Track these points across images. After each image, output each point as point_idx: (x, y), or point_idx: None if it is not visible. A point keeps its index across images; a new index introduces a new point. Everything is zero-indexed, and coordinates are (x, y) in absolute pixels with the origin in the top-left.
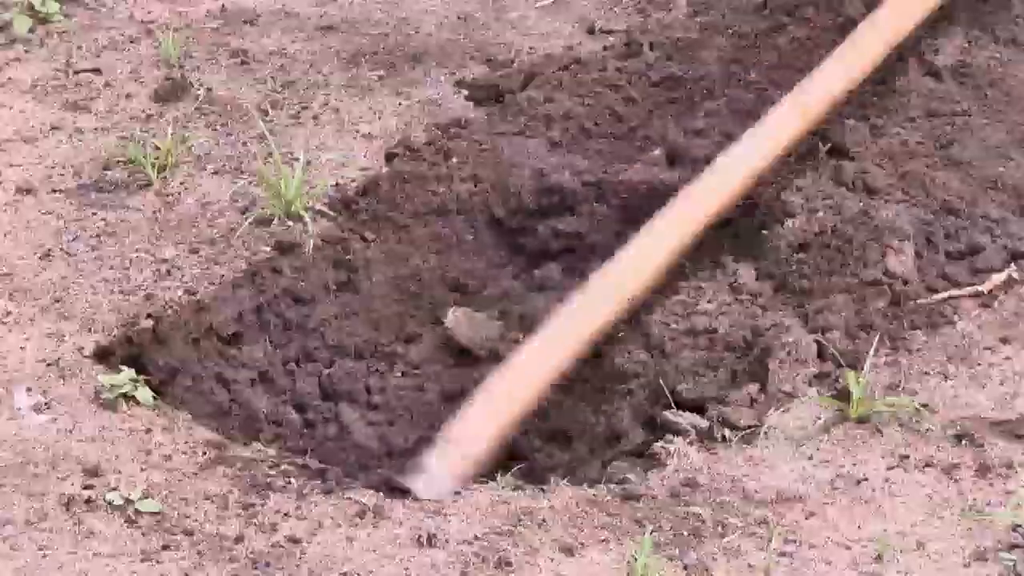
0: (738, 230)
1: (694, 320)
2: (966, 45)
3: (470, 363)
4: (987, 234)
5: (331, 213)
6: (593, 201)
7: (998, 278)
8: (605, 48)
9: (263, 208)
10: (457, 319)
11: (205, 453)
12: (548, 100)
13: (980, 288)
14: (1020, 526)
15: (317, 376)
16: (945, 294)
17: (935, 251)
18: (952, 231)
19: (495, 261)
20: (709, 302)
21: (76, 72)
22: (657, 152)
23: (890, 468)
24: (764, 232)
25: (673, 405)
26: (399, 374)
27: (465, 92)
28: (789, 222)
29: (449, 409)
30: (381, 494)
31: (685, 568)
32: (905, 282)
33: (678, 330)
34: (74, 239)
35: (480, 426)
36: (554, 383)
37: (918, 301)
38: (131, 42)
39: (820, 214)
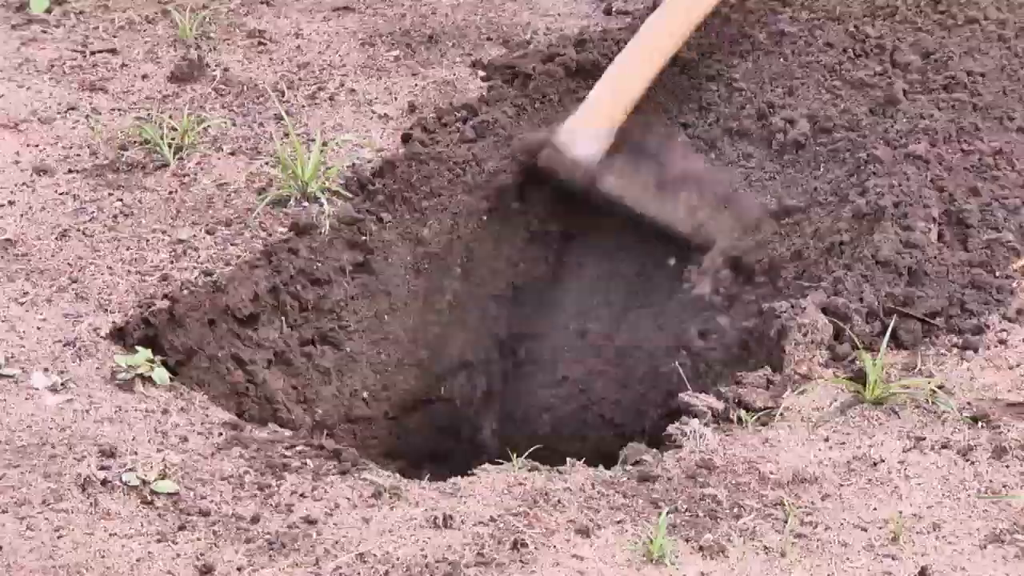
0: None
1: None
2: None
3: None
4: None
5: (347, 194)
6: None
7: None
8: (621, 28)
9: (279, 189)
10: None
11: (221, 434)
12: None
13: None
14: None
15: None
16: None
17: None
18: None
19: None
20: None
21: (93, 52)
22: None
23: (906, 450)
24: None
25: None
26: None
27: (481, 73)
28: None
29: None
30: None
31: (701, 549)
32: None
33: None
34: (91, 219)
35: (606, 98)
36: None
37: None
38: (148, 22)
39: None
